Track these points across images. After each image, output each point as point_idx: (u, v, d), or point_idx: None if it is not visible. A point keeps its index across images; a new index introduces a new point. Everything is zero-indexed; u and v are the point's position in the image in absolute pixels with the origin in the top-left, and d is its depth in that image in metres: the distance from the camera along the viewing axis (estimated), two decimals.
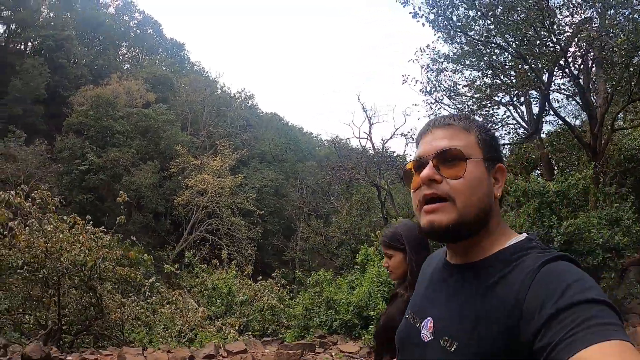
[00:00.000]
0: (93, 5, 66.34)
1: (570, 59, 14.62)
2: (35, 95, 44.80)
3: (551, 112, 16.52)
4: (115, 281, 10.90)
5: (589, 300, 1.05)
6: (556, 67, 14.31)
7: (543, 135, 17.83)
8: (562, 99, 18.32)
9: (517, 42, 14.20)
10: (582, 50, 14.47)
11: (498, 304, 1.17)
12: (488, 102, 17.76)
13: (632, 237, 10.07)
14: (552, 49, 13.40)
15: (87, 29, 60.10)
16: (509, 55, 15.24)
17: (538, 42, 13.65)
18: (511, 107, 18.43)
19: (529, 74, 14.44)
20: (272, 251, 42.80)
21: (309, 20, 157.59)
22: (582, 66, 15.20)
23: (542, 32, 13.22)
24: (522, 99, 17.96)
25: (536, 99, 17.50)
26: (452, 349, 1.22)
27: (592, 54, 14.41)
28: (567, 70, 14.57)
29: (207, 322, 12.78)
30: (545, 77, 15.09)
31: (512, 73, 15.99)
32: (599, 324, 1.00)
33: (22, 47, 56.38)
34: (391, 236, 3.01)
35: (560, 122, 16.92)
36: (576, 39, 13.71)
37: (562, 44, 13.49)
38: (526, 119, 18.19)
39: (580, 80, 14.69)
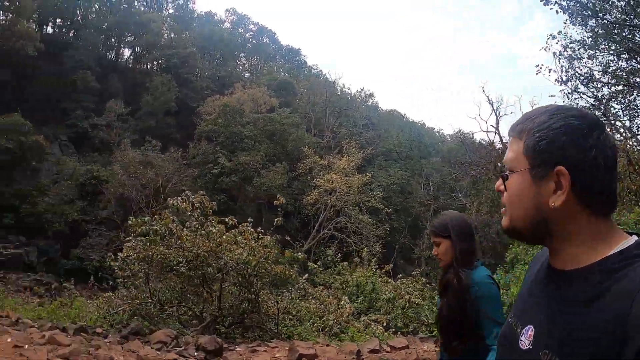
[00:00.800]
0: (209, 22, 71.01)
1: None
2: (165, 108, 48.97)
3: None
4: (269, 278, 11.08)
5: None
6: None
7: None
8: None
9: None
10: None
11: (597, 321, 1.08)
12: (626, 88, 16.20)
13: None
14: None
15: (207, 45, 64.05)
16: None
17: None
18: None
19: None
20: (398, 249, 42.33)
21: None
22: None
23: None
24: None
25: None
26: None
27: None
28: None
29: (351, 318, 12.71)
30: None
31: None
32: None
33: (149, 66, 62.47)
34: (438, 225, 3.29)
35: None
36: None
37: None
38: None
39: None
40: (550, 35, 17.09)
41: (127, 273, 10.78)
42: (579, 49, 16.39)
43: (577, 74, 16.83)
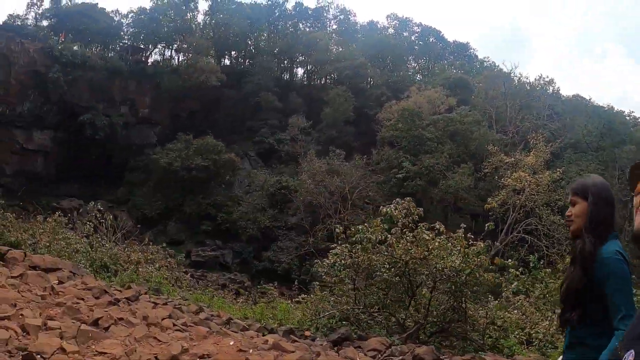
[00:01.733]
0: (373, 32, 72.12)
1: None
2: (344, 118, 51.37)
3: None
4: (480, 287, 10.55)
5: None
6: None
7: None
8: None
9: None
10: None
11: None
12: None
13: None
14: None
15: (374, 53, 64.99)
16: None
17: None
18: None
19: None
20: None
21: None
22: None
23: None
24: None
25: None
26: None
27: None
28: None
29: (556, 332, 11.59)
30: None
31: None
32: None
33: (323, 81, 65.96)
34: (580, 184, 3.18)
35: None
36: None
37: None
38: None
39: None
40: None
41: (335, 279, 10.97)
42: None
43: None
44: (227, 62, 64.00)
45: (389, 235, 9.97)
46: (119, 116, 48.78)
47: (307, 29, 67.82)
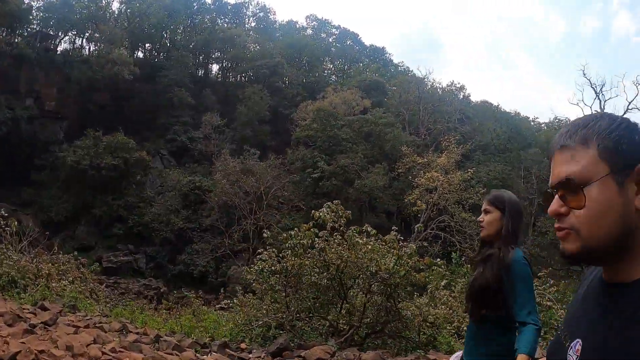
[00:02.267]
0: (292, 31, 72.42)
1: None
2: (260, 117, 50.53)
3: None
4: (411, 286, 10.65)
5: None
6: None
7: None
8: None
9: None
10: None
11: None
12: None
13: None
14: None
15: (292, 52, 65.36)
16: None
17: None
18: None
19: None
20: None
21: None
22: None
23: None
24: None
25: None
26: None
27: None
28: None
29: None
30: None
31: None
32: None
33: (239, 78, 64.54)
34: (497, 195, 3.44)
35: None
36: None
37: None
38: None
39: None
40: None
41: (265, 285, 10.65)
42: None
43: None
44: (140, 54, 61.15)
45: (317, 239, 9.83)
46: (24, 109, 44.94)
47: (226, 25, 66.55)
